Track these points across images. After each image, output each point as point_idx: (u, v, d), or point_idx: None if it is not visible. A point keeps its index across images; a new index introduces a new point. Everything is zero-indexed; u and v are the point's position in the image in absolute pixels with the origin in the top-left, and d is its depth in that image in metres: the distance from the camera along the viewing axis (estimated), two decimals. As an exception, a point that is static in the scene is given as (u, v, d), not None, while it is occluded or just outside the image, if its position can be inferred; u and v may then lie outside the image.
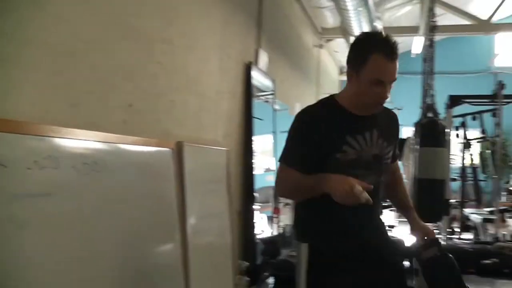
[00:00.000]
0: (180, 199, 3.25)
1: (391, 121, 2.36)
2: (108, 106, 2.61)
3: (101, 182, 2.39)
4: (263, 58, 5.25)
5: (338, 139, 2.14)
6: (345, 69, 2.27)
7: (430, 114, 5.80)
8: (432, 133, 5.48)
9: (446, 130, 5.69)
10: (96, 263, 2.28)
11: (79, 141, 2.25)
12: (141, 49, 2.92)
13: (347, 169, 2.09)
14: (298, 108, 7.11)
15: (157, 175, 3.09)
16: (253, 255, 4.60)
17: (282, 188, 2.30)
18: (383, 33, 2.21)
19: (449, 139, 6.45)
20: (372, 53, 2.04)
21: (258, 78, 5.10)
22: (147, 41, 2.98)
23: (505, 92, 8.07)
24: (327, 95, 2.33)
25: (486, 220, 7.71)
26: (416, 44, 9.21)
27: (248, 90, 4.77)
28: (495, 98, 7.65)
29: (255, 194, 5.05)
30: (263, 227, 5.46)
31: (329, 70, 10.71)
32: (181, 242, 3.22)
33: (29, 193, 1.88)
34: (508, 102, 7.99)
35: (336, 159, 2.14)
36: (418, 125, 5.67)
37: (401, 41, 9.95)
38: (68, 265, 2.06)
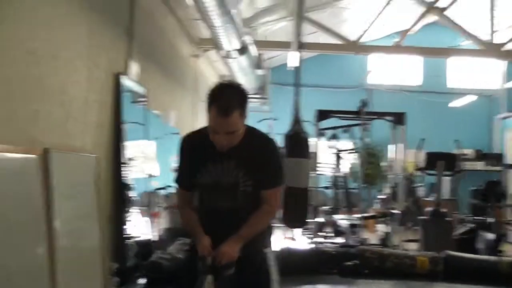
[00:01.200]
0: (46, 204, 3.39)
1: (257, 152, 2.53)
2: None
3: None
4: (134, 68, 5.46)
5: (200, 165, 2.52)
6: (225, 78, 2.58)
7: (296, 126, 6.35)
8: (295, 145, 6.04)
9: (308, 142, 6.25)
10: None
11: None
12: (2, 59, 3.04)
13: (206, 192, 2.54)
14: (172, 116, 7.42)
15: (22, 182, 3.22)
16: (123, 257, 4.80)
17: (180, 213, 2.74)
18: (222, 88, 2.45)
19: (312, 150, 7.02)
20: (210, 106, 2.40)
21: (131, 86, 5.32)
22: (10, 51, 3.11)
23: (375, 107, 9.14)
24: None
25: (353, 226, 8.49)
26: (291, 58, 9.79)
27: (118, 100, 4.97)
28: (359, 114, 8.57)
29: (133, 198, 5.28)
30: (142, 230, 5.66)
31: (209, 78, 11.07)
32: (48, 244, 3.36)
33: None
34: (371, 119, 8.98)
35: (198, 182, 2.54)
36: (285, 137, 6.18)
37: (277, 54, 10.78)
38: None
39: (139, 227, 5.61)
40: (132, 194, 5.28)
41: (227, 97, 2.37)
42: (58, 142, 3.74)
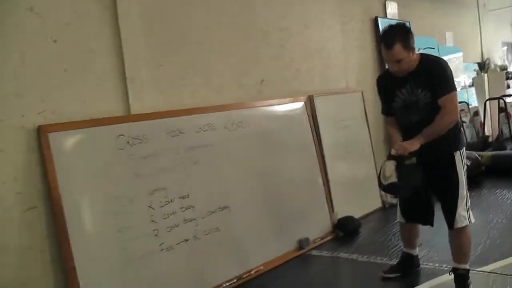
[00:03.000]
0: (316, 138, 4.63)
1: (429, 71, 3.06)
2: (243, 85, 4.12)
3: (246, 134, 3.94)
4: (392, 8, 6.18)
5: (391, 95, 3.27)
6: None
7: None
8: None
9: None
10: (244, 187, 3.85)
11: (227, 112, 3.83)
12: (262, 39, 4.35)
13: (400, 111, 3.23)
14: (448, 36, 7.74)
15: (294, 123, 4.52)
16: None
17: (388, 132, 3.50)
18: (387, 29, 3.09)
19: None
20: (381, 44, 3.16)
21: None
22: (267, 32, 4.40)
23: None
24: None
25: None
26: None
27: (378, 39, 5.83)
28: None
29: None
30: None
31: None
32: (318, 161, 4.61)
33: (198, 145, 3.53)
34: None
35: (393, 107, 3.29)
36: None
37: None
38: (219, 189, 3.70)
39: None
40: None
41: (389, 35, 3.03)
42: (319, 89, 4.91)
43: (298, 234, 4.19)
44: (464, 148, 3.19)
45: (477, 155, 6.59)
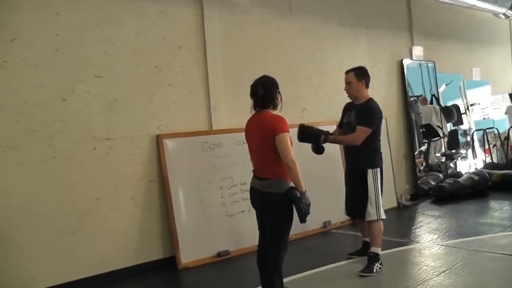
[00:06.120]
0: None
1: (362, 109, 4.48)
2: (289, 112, 5.98)
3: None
4: (417, 51, 7.85)
5: (344, 114, 4.75)
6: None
7: None
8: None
9: None
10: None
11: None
12: (305, 81, 6.21)
13: (344, 125, 4.71)
14: (475, 71, 9.23)
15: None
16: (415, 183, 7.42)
17: None
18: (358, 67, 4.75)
19: None
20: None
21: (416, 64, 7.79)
22: (308, 76, 6.26)
23: None
24: None
25: None
26: None
27: (402, 77, 7.54)
28: None
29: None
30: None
31: None
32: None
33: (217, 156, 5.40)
34: None
35: (343, 121, 4.77)
36: None
37: None
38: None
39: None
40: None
41: (353, 68, 4.64)
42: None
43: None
44: (379, 168, 4.52)
45: (486, 173, 8.06)
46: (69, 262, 4.32)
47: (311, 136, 4.46)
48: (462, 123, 9.42)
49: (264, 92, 3.52)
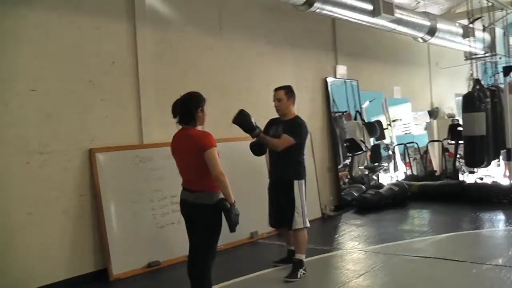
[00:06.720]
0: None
1: (290, 123, 4.86)
2: (218, 126, 6.21)
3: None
4: (341, 70, 8.34)
5: (271, 126, 5.05)
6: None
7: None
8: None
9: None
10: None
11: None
12: (234, 97, 6.47)
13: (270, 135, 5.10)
14: (396, 90, 9.86)
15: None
16: (339, 194, 7.85)
17: None
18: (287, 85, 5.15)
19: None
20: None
21: (339, 82, 8.26)
22: (238, 92, 6.53)
23: None
24: None
25: None
26: None
27: (327, 94, 7.97)
28: None
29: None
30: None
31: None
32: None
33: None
34: None
35: (268, 132, 5.04)
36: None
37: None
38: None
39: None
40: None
41: (282, 87, 5.00)
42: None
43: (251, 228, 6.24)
44: (303, 180, 4.82)
45: (405, 184, 8.63)
46: (-1, 278, 4.32)
47: (246, 124, 4.66)
48: (384, 138, 9.98)
49: (184, 109, 3.68)
